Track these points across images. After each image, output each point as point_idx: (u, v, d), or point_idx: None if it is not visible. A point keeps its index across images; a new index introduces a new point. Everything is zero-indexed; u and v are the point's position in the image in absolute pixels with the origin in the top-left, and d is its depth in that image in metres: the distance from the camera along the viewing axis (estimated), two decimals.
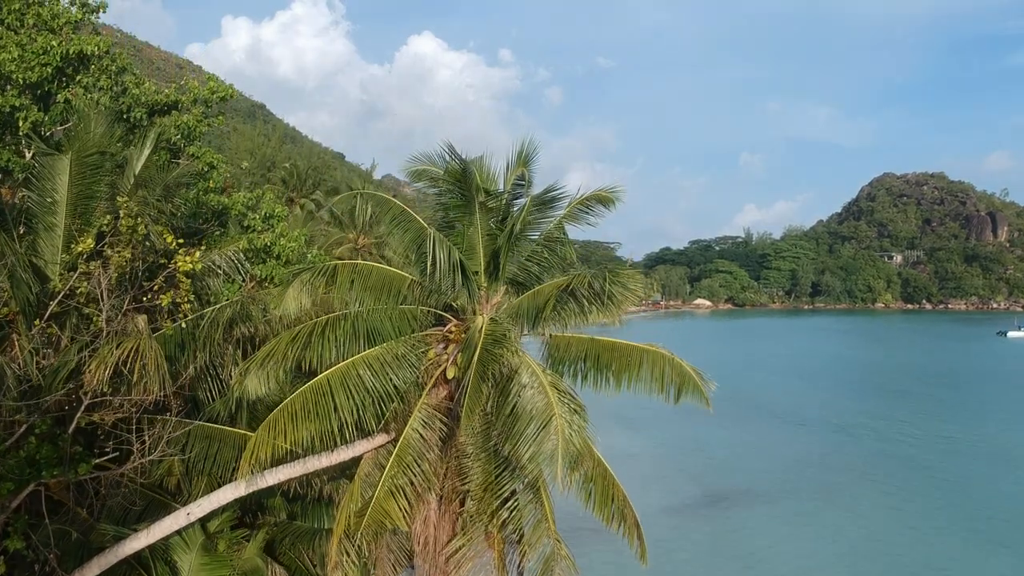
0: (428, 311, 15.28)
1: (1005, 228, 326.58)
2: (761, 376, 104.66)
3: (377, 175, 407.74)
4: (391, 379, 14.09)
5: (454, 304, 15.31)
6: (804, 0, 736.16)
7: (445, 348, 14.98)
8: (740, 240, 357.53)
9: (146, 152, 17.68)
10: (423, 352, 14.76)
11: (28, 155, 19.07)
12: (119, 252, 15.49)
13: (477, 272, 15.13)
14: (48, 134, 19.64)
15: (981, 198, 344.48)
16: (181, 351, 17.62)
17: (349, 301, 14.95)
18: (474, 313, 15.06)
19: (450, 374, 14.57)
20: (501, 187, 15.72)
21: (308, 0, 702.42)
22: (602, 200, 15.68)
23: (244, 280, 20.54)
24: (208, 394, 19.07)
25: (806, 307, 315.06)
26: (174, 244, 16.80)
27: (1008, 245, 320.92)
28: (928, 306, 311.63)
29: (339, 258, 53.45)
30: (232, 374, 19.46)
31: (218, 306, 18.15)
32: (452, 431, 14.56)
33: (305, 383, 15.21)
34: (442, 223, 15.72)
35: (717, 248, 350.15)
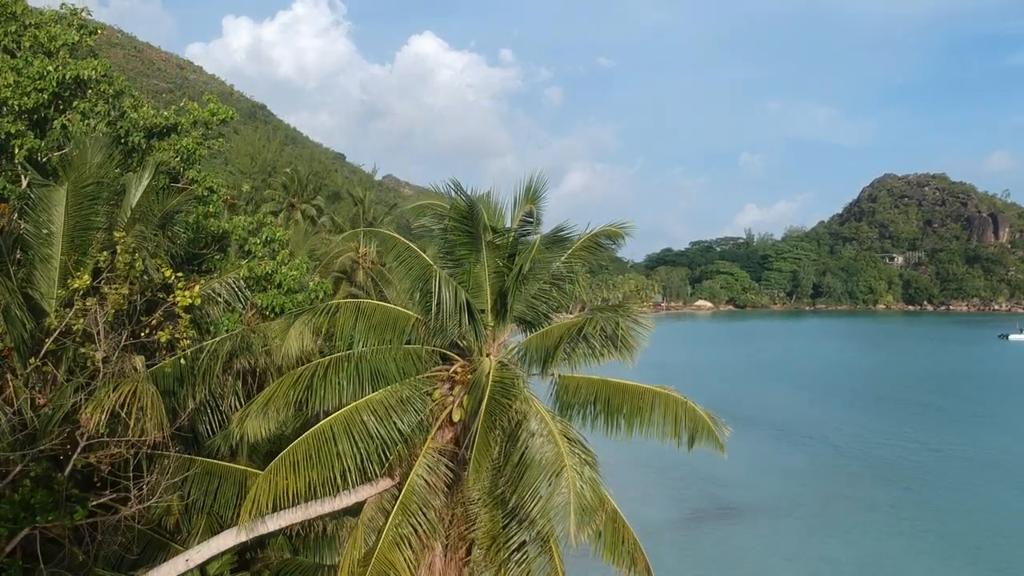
0: (433, 350, 14.85)
1: (1007, 229, 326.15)
2: (760, 384, 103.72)
3: (378, 176, 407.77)
4: (396, 424, 13.70)
5: (460, 343, 14.91)
6: (804, 0, 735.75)
7: (451, 389, 14.59)
8: (741, 241, 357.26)
9: (144, 183, 17.27)
10: (428, 394, 14.35)
11: (24, 182, 18.65)
12: (116, 289, 15.07)
13: (484, 310, 14.74)
14: (45, 160, 19.22)
15: (982, 199, 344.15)
16: (180, 385, 17.25)
17: (353, 342, 14.50)
18: (481, 353, 14.64)
19: (456, 417, 14.19)
20: (508, 222, 15.30)
21: (309, 0, 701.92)
22: (611, 236, 15.31)
23: (245, 308, 20.14)
24: (208, 427, 18.70)
25: (807, 308, 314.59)
26: (172, 278, 16.39)
27: (1010, 246, 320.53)
28: (929, 308, 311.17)
29: (341, 271, 53.25)
30: (232, 405, 19.13)
31: (218, 339, 17.76)
32: (458, 476, 14.17)
33: (307, 421, 14.84)
34: (447, 260, 15.28)
35: (718, 249, 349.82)
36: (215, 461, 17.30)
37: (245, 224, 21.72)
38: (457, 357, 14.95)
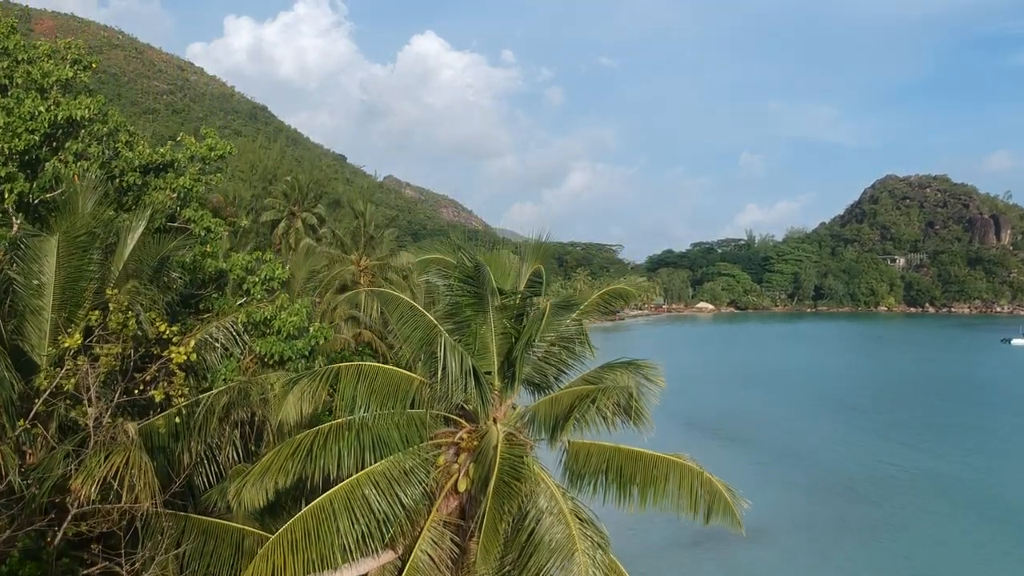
0: (438, 415, 14.27)
1: (1008, 231, 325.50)
2: (759, 393, 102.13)
3: (379, 177, 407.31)
4: (399, 497, 13.12)
5: (466, 405, 14.33)
6: (806, 0, 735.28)
7: (456, 456, 14.01)
8: (742, 242, 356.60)
9: (139, 230, 16.69)
10: (431, 462, 13.77)
11: (15, 226, 18.07)
12: (108, 349, 14.50)
13: (490, 372, 14.16)
14: (36, 202, 18.65)
15: (984, 201, 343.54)
16: (175, 441, 16.70)
17: (354, 407, 13.90)
18: (487, 417, 14.07)
19: (461, 487, 13.61)
20: (517, 274, 14.72)
21: (311, 0, 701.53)
22: (623, 295, 14.72)
23: (243, 353, 19.57)
24: (205, 480, 18.13)
25: (809, 310, 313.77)
26: (168, 333, 15.80)
27: (1012, 248, 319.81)
28: (931, 309, 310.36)
29: (343, 284, 52.63)
30: (230, 456, 18.57)
31: (214, 392, 17.19)
32: (463, 548, 13.59)
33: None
34: (453, 320, 14.68)
35: (719, 251, 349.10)
36: (211, 519, 16.72)
37: (243, 263, 21.12)
38: (463, 421, 14.38)
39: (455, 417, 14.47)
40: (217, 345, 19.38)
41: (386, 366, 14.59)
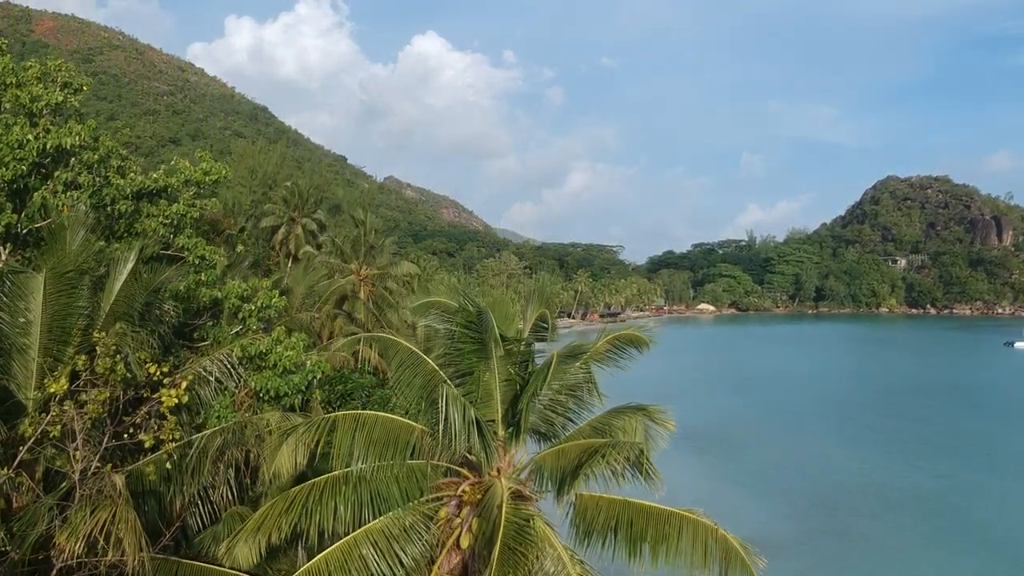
0: (439, 465, 13.66)
1: (1010, 232, 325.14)
2: (758, 399, 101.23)
3: (379, 178, 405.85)
4: (398, 556, 12.51)
5: (468, 455, 13.71)
6: (807, 0, 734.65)
7: (459, 509, 13.39)
8: (743, 243, 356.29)
9: (128, 266, 16.09)
10: (431, 518, 13.15)
11: (2, 259, 17.48)
12: (95, 396, 13.90)
13: (494, 421, 13.55)
14: (24, 232, 18.05)
15: (986, 202, 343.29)
16: (167, 484, 16.11)
17: (351, 459, 13.26)
18: (491, 467, 13.45)
19: (464, 543, 12.98)
20: (521, 318, 14.11)
21: (312, 1, 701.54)
22: (635, 342, 14.07)
23: (238, 387, 18.96)
24: (198, 520, 17.53)
25: (810, 311, 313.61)
26: (158, 375, 15.21)
27: (1013, 249, 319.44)
28: (933, 311, 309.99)
29: (342, 294, 52.05)
30: (224, 495, 17.97)
31: (207, 432, 16.59)
32: None
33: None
34: (454, 367, 14.07)
35: (720, 251, 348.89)
36: (204, 565, 16.11)
37: (238, 291, 20.50)
38: (466, 472, 13.76)
39: (457, 468, 13.85)
40: (211, 379, 18.81)
41: (385, 414, 13.94)
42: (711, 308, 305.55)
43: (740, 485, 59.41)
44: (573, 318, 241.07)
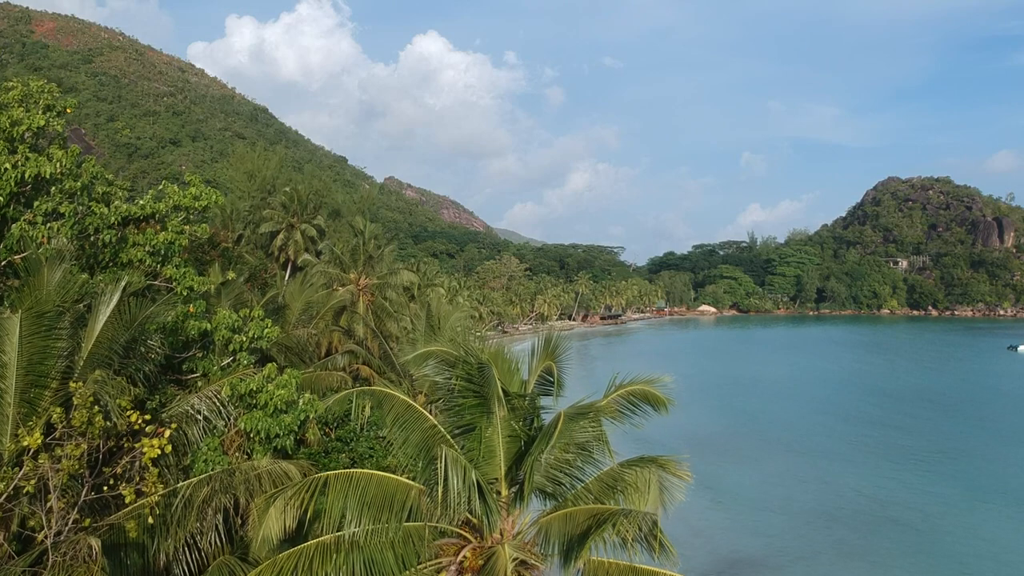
0: (437, 528, 12.79)
1: (1012, 234, 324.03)
2: (759, 406, 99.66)
3: (379, 178, 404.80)
4: None
5: (469, 516, 12.83)
6: (809, 1, 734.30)
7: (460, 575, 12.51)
8: (744, 244, 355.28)
9: (111, 306, 15.22)
10: None
11: None
12: (70, 451, 13.03)
13: (497, 479, 12.68)
14: (2, 264, 17.17)
15: (987, 203, 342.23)
16: (150, 536, 15.25)
17: (344, 522, 12.38)
18: (494, 531, 12.57)
19: None
20: (525, 373, 13.22)
21: (314, 1, 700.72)
22: (650, 399, 13.16)
23: (227, 426, 18.09)
24: (184, 568, 16.67)
25: (811, 313, 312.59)
26: (139, 423, 14.35)
27: (1015, 251, 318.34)
28: (934, 312, 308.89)
29: (340, 307, 51.16)
30: (212, 541, 17.11)
31: (194, 480, 15.75)
32: None
33: None
34: (455, 422, 13.19)
35: (721, 253, 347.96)
36: None
37: (229, 322, 19.62)
38: (467, 535, 12.88)
39: (458, 530, 12.98)
40: (199, 418, 17.96)
41: (380, 473, 13.07)
42: (712, 310, 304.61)
43: (741, 497, 58.37)
44: (574, 320, 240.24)
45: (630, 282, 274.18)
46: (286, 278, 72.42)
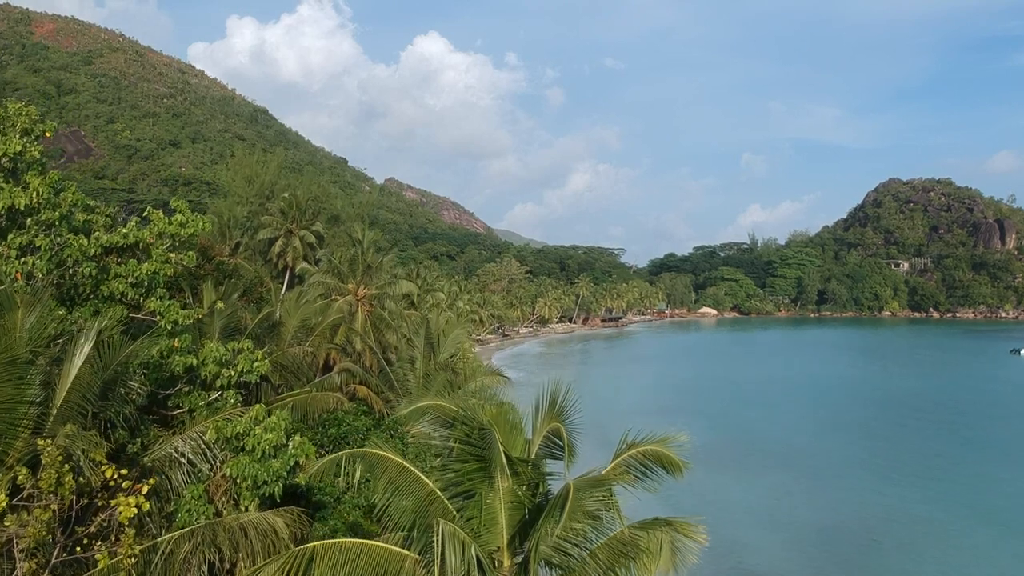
0: None
1: (1013, 235, 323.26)
2: (757, 412, 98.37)
3: (379, 179, 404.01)
4: None
5: None
6: (810, 1, 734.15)
7: None
8: (745, 246, 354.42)
9: (86, 350, 14.24)
10: None
11: None
12: (38, 515, 12.06)
13: (499, 548, 11.71)
14: None
15: (988, 204, 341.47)
16: None
17: None
18: None
19: None
20: (529, 433, 12.25)
21: (315, 2, 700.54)
22: (664, 462, 12.17)
23: (212, 470, 17.12)
24: None
25: (812, 315, 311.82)
26: (115, 478, 13.38)
27: (1016, 253, 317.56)
28: (935, 315, 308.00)
29: (337, 323, 50.14)
30: None
31: (175, 535, 14.79)
32: None
33: None
34: (453, 485, 12.21)
35: (722, 254, 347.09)
36: None
37: (217, 355, 18.65)
38: None
39: None
40: (183, 461, 17.00)
41: (372, 543, 12.09)
42: (713, 312, 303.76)
43: (746, 511, 57.24)
44: (574, 323, 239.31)
45: (631, 284, 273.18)
46: (283, 287, 71.48)
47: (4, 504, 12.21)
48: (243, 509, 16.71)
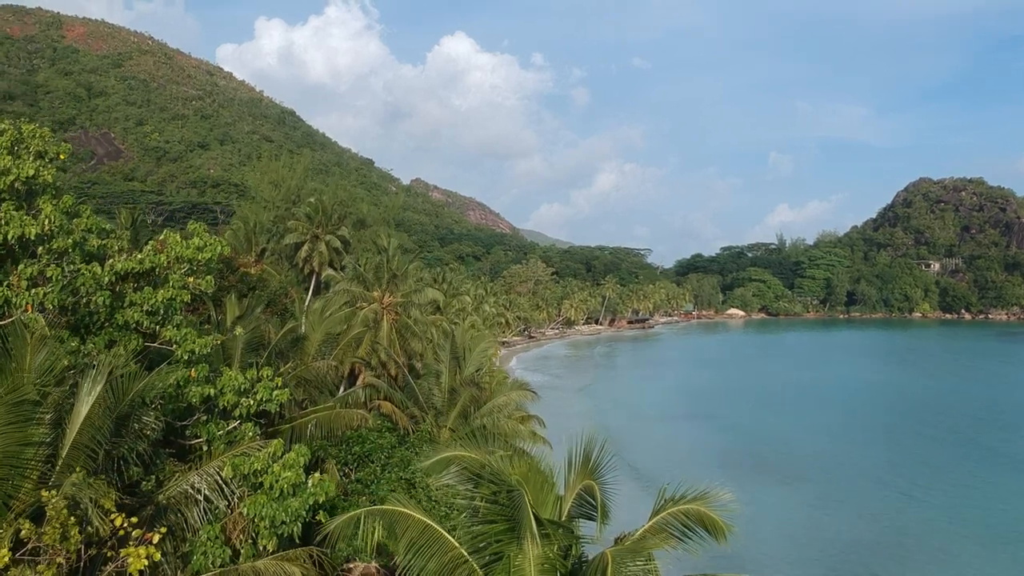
0: None
1: None
2: (794, 421, 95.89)
3: (406, 180, 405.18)
4: None
5: None
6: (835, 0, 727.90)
7: None
8: (773, 247, 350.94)
9: (96, 390, 13.63)
10: None
11: None
12: (41, 571, 11.45)
13: None
14: None
15: (1022, 204, 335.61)
16: None
17: None
18: None
19: None
20: (561, 489, 11.44)
21: (342, 4, 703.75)
22: (705, 523, 11.32)
23: (230, 507, 16.48)
24: None
25: (841, 316, 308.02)
26: (125, 527, 12.75)
27: None
28: (967, 316, 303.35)
29: (362, 333, 49.61)
30: None
31: None
32: None
33: None
34: (479, 545, 11.44)
35: (749, 255, 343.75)
36: None
37: (236, 384, 18.01)
38: None
39: None
40: (199, 498, 16.36)
41: None
42: (741, 313, 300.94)
43: (774, 522, 55.85)
44: (600, 324, 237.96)
45: (658, 285, 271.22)
46: (309, 293, 71.19)
47: (7, 559, 11.60)
48: (261, 548, 16.07)
